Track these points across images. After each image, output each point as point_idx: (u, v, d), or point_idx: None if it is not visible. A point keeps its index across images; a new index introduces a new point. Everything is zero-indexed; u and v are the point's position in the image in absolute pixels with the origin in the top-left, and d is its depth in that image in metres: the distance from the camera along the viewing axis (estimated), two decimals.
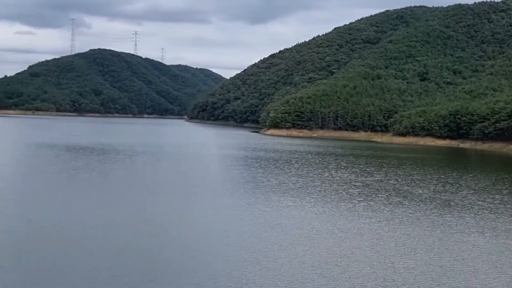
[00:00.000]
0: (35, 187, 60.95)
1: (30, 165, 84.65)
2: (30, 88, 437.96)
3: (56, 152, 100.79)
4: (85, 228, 40.45)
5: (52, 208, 47.73)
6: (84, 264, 31.56)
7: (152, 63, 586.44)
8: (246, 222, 44.12)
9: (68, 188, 60.36)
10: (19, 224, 41.40)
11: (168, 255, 34.22)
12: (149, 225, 42.37)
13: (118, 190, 60.45)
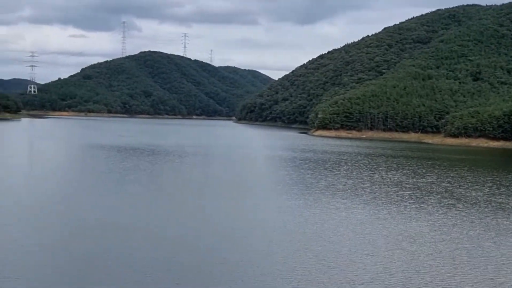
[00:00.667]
0: (88, 187, 62.11)
1: (83, 165, 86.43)
2: (82, 90, 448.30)
3: (107, 153, 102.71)
4: (144, 226, 40.95)
5: (108, 207, 48.53)
6: (146, 262, 31.93)
7: (201, 64, 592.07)
8: (295, 224, 43.79)
9: (120, 188, 61.28)
10: (74, 221, 42.18)
11: (224, 254, 34.28)
12: (201, 225, 42.54)
13: (167, 190, 61.03)
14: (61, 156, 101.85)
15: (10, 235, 37.27)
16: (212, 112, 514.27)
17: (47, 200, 51.93)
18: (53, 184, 63.29)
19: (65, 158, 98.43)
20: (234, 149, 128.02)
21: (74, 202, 51.69)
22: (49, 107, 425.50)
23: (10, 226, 40.03)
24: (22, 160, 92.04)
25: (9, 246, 34.40)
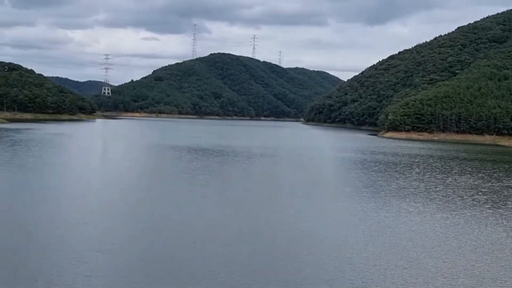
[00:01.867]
0: (159, 187, 63.30)
1: (155, 165, 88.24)
2: (154, 91, 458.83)
3: (178, 153, 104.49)
4: (215, 226, 41.33)
5: (179, 207, 49.27)
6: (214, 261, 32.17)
7: (269, 66, 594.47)
8: (366, 228, 43.03)
9: (190, 188, 62.12)
10: (147, 221, 43.01)
11: (295, 255, 34.08)
12: (271, 227, 42.52)
13: (236, 191, 61.34)
14: (134, 156, 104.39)
15: (86, 234, 38.35)
16: (280, 113, 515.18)
17: (120, 200, 53.26)
18: (126, 184, 64.91)
19: (137, 158, 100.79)
20: (302, 150, 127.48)
21: (147, 202, 52.72)
22: (122, 108, 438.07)
23: (86, 225, 41.21)
24: (96, 160, 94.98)
25: (85, 244, 35.33)
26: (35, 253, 32.77)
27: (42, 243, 35.16)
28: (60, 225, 40.64)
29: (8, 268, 29.75)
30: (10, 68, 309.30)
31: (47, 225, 40.58)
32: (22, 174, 67.30)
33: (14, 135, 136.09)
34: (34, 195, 53.15)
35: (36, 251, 33.12)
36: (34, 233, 37.76)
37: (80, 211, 45.91)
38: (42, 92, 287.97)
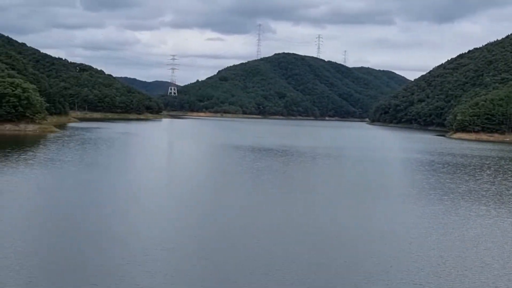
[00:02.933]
0: (223, 186, 63.54)
1: (218, 165, 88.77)
2: (219, 91, 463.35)
3: (242, 153, 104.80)
4: (274, 225, 41.02)
5: (243, 207, 49.22)
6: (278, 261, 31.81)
7: (334, 66, 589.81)
8: (434, 231, 41.59)
9: (253, 188, 62.04)
10: (211, 219, 43.12)
11: (361, 259, 33.32)
12: (334, 229, 41.80)
13: (299, 191, 60.76)
14: (198, 155, 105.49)
15: (150, 232, 38.74)
16: (345, 113, 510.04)
17: (183, 199, 53.70)
18: (190, 183, 65.45)
19: (201, 158, 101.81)
20: (367, 151, 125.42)
21: (210, 201, 52.95)
22: (187, 108, 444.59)
23: (150, 223, 41.67)
24: (161, 159, 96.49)
25: (149, 242, 35.64)
26: (99, 250, 33.30)
27: (106, 240, 35.72)
28: (124, 223, 41.24)
29: (72, 265, 30.29)
30: (81, 69, 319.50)
31: (112, 222, 41.27)
32: (90, 172, 69.05)
33: (84, 133, 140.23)
34: (101, 192, 54.34)
35: (100, 248, 33.65)
36: (99, 230, 38.44)
37: (145, 209, 46.51)
38: (111, 92, 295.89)
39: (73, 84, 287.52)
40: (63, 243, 34.37)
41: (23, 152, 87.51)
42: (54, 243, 34.35)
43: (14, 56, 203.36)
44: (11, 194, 49.35)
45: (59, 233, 36.97)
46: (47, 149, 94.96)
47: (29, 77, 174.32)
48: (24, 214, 42.14)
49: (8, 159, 75.71)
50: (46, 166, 70.97)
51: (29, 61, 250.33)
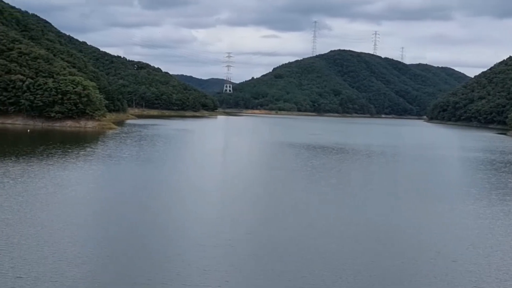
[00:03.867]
0: (278, 183, 63.25)
1: (273, 162, 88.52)
2: (274, 89, 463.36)
3: (296, 151, 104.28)
4: (330, 224, 40.46)
5: (298, 204, 48.81)
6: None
7: (391, 62, 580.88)
8: (496, 234, 40.09)
9: (308, 185, 61.51)
10: (267, 216, 42.94)
11: (424, 261, 32.45)
12: (390, 229, 40.88)
13: (355, 190, 59.82)
14: (253, 152, 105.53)
15: (206, 228, 38.83)
16: (402, 111, 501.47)
17: (239, 195, 53.68)
18: (244, 180, 65.41)
19: (256, 154, 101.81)
20: (425, 149, 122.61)
21: (265, 198, 52.78)
22: (242, 105, 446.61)
23: (205, 219, 41.79)
24: (216, 156, 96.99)
25: (205, 239, 35.68)
26: (154, 246, 33.52)
27: (161, 236, 35.97)
28: (180, 219, 41.48)
29: (130, 260, 30.59)
30: (139, 67, 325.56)
31: (167, 218, 41.58)
32: (146, 168, 70.02)
33: (141, 130, 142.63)
34: (156, 188, 54.96)
35: (155, 244, 33.88)
36: (154, 226, 38.78)
37: (200, 206, 46.71)
38: (167, 90, 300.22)
39: (131, 81, 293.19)
40: (119, 239, 34.81)
41: (83, 148, 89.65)
42: (109, 237, 34.84)
43: (75, 55, 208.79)
44: (71, 188, 50.47)
45: (115, 227, 37.50)
46: (105, 145, 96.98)
47: (89, 75, 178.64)
48: (82, 208, 42.97)
49: (68, 155, 77.68)
50: (104, 162, 72.43)
51: (89, 59, 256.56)
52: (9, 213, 38.90)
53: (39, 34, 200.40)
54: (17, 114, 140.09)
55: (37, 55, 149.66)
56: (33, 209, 40.85)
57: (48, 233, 34.46)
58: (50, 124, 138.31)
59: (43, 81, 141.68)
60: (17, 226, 35.42)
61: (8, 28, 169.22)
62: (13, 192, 46.35)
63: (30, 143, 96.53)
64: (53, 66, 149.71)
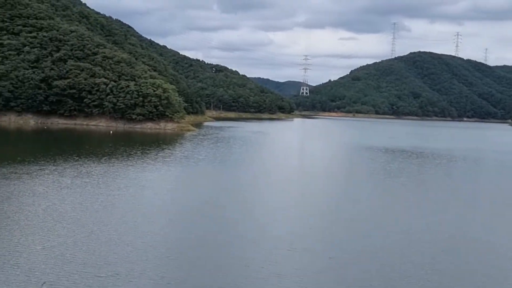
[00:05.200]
0: (354, 187, 62.27)
1: (349, 165, 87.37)
2: (351, 91, 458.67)
3: (373, 154, 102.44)
4: (406, 230, 39.37)
5: (374, 209, 47.84)
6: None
7: (474, 64, 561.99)
8: None
9: (386, 190, 60.18)
10: (341, 221, 42.31)
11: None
12: (476, 240, 39.28)
13: (434, 196, 57.94)
14: (329, 155, 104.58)
15: (278, 232, 38.61)
16: (485, 114, 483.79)
17: (313, 199, 53.19)
18: (320, 183, 64.86)
19: (332, 157, 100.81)
20: (510, 155, 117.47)
21: (340, 202, 52.05)
22: (319, 108, 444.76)
23: (278, 223, 41.59)
24: (292, 158, 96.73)
25: (276, 243, 35.49)
26: (228, 249, 33.60)
27: (235, 239, 36.03)
28: (254, 222, 41.46)
29: (198, 263, 30.80)
30: (217, 70, 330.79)
31: (241, 220, 41.63)
32: (222, 170, 70.71)
33: (218, 132, 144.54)
34: (231, 190, 55.30)
35: (229, 247, 33.96)
36: (228, 228, 38.92)
37: (274, 209, 46.57)
38: (245, 92, 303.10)
39: (209, 84, 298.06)
40: (195, 241, 35.16)
41: (161, 150, 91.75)
42: (185, 238, 35.25)
43: (156, 58, 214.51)
44: (150, 189, 51.65)
45: (191, 229, 37.94)
46: (183, 147, 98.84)
47: (169, 78, 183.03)
48: (160, 209, 43.81)
49: (147, 156, 79.68)
50: (181, 163, 73.76)
51: (169, 62, 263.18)
52: (90, 212, 40.17)
53: (122, 39, 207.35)
54: (101, 116, 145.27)
55: (120, 59, 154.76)
56: (113, 209, 42.02)
57: (127, 233, 35.27)
58: (132, 126, 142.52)
59: (125, 84, 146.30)
60: (97, 226, 36.47)
61: (93, 33, 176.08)
62: (95, 192, 47.89)
63: (112, 144, 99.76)
64: (135, 69, 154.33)
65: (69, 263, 28.50)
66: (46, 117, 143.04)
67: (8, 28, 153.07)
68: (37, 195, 45.09)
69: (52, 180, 52.86)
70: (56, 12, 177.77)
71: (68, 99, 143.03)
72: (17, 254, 29.33)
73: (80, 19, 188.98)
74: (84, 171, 59.82)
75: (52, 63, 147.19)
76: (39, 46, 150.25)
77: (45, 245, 31.37)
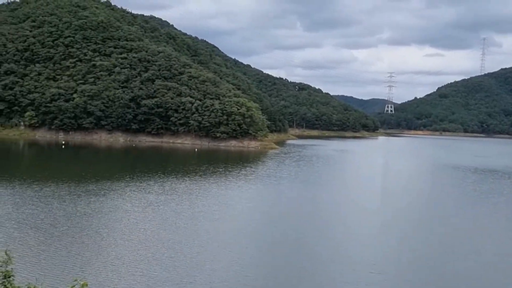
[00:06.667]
0: (441, 209, 60.16)
1: (436, 185, 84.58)
2: (438, 109, 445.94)
3: (462, 174, 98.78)
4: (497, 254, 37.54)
5: (463, 235, 46.00)
6: None
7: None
8: None
9: (475, 213, 57.74)
10: (428, 244, 40.92)
11: None
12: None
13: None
14: (415, 175, 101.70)
15: (364, 254, 37.76)
16: None
17: (398, 221, 51.78)
18: (405, 204, 63.03)
19: (418, 177, 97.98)
20: None
21: (428, 225, 50.37)
22: (404, 126, 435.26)
23: (364, 245, 40.71)
24: (376, 178, 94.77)
25: (362, 265, 34.71)
26: (310, 268, 33.17)
27: (317, 259, 35.54)
28: (335, 243, 40.76)
29: (279, 281, 30.51)
30: (300, 88, 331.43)
31: (323, 241, 41.03)
32: (304, 189, 70.24)
33: (301, 150, 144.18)
34: (312, 210, 54.73)
35: (311, 267, 33.53)
36: (309, 248, 38.45)
37: (357, 230, 45.67)
38: (328, 110, 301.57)
39: (292, 102, 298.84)
40: (274, 258, 34.99)
41: (243, 167, 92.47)
42: (267, 258, 35.14)
43: (240, 77, 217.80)
44: (231, 207, 52.06)
45: (271, 250, 37.81)
46: (265, 165, 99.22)
47: (252, 97, 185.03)
48: (242, 226, 44.01)
49: (230, 174, 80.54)
50: (263, 181, 73.94)
51: (253, 81, 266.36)
52: (173, 229, 40.90)
53: (207, 58, 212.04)
54: (186, 134, 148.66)
55: (205, 78, 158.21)
56: (197, 224, 42.61)
57: (212, 247, 35.60)
58: (216, 143, 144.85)
59: (210, 102, 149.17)
60: (178, 243, 37.04)
61: (180, 53, 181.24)
62: (179, 209, 48.80)
63: (196, 161, 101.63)
64: (220, 88, 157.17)
65: (151, 278, 29.05)
66: (134, 135, 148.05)
67: (100, 49, 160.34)
68: (123, 212, 46.48)
69: (137, 197, 54.39)
70: (145, 33, 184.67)
71: (155, 117, 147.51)
72: (102, 267, 30.25)
73: (168, 40, 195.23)
74: (168, 188, 61.19)
75: (141, 83, 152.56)
76: (128, 66, 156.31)
77: (130, 260, 32.15)
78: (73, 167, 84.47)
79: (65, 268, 29.86)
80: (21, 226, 39.18)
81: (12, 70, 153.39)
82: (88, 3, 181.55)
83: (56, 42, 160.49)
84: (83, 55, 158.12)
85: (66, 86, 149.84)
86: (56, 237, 36.53)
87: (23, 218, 41.81)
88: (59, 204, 47.80)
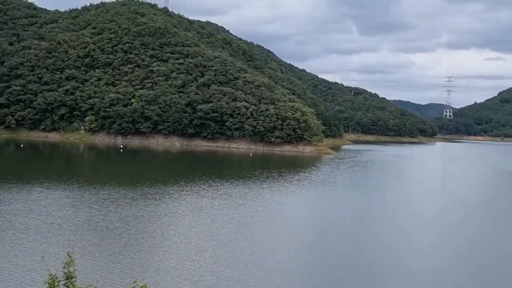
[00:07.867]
0: (500, 220, 58.37)
1: (495, 195, 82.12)
2: (499, 114, 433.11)
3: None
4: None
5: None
6: None
7: None
8: None
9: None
10: (487, 256, 39.80)
11: None
12: None
13: None
14: (474, 183, 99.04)
15: (421, 266, 37.06)
16: None
17: (457, 230, 50.49)
18: (464, 213, 61.41)
19: (477, 185, 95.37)
20: None
21: (485, 234, 48.96)
22: (463, 131, 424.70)
23: (421, 255, 39.93)
24: (435, 185, 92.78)
25: (421, 276, 34.09)
26: (366, 277, 32.73)
27: (373, 267, 35.06)
28: (392, 251, 40.06)
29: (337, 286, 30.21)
30: (356, 93, 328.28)
31: (379, 250, 40.42)
32: (359, 195, 69.41)
33: (356, 155, 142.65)
34: (368, 217, 54.00)
35: (366, 276, 33.10)
36: (365, 256, 37.93)
37: (414, 238, 44.81)
38: (384, 115, 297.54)
39: (347, 107, 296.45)
40: (331, 266, 34.70)
41: (297, 173, 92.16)
42: (321, 263, 34.89)
43: (295, 82, 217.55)
44: (285, 212, 51.98)
45: (325, 254, 37.52)
46: (319, 170, 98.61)
47: (307, 101, 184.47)
48: (293, 232, 43.87)
49: (284, 179, 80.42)
50: (317, 187, 73.51)
51: (308, 86, 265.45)
52: (228, 231, 41.14)
53: (263, 63, 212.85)
54: (241, 139, 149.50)
55: (260, 83, 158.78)
56: (250, 228, 42.74)
57: (263, 252, 35.63)
58: (270, 148, 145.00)
59: (265, 107, 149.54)
60: (234, 244, 37.21)
61: (235, 58, 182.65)
62: (232, 214, 49.07)
63: (251, 166, 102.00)
64: (274, 93, 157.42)
65: (205, 282, 29.29)
66: (190, 139, 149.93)
67: (157, 55, 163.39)
68: (177, 216, 47.09)
69: (191, 201, 54.99)
70: (201, 39, 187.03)
71: (211, 122, 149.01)
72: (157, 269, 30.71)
73: (223, 45, 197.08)
74: (222, 192, 61.62)
75: (197, 88, 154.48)
76: (185, 72, 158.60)
77: (186, 262, 32.53)
78: (130, 171, 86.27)
79: (124, 270, 30.51)
80: (79, 229, 40.25)
81: (73, 75, 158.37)
82: (146, 10, 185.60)
83: (115, 48, 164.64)
84: (141, 60, 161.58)
85: (124, 91, 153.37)
86: (113, 240, 37.34)
87: (80, 221, 42.94)
88: (115, 207, 48.85)
